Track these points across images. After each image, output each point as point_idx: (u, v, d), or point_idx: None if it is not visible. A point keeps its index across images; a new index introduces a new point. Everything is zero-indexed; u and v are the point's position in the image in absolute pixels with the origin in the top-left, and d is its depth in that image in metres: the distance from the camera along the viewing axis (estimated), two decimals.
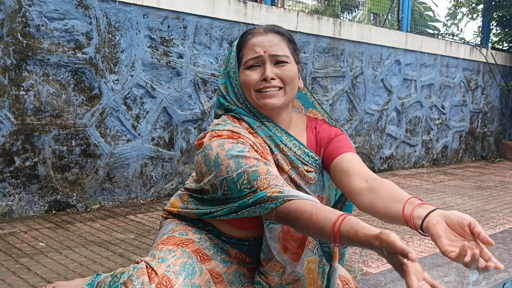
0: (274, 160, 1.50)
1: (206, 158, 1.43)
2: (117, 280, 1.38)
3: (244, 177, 1.34)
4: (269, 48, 1.47)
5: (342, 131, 1.62)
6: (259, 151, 1.44)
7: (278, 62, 1.48)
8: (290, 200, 1.27)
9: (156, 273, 1.34)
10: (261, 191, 1.30)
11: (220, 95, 1.59)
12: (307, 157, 1.54)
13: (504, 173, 6.20)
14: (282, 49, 1.49)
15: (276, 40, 1.49)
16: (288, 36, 1.54)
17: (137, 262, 1.41)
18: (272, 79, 1.45)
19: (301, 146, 1.55)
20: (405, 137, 6.19)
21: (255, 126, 1.51)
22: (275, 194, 1.28)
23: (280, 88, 1.48)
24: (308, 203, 1.26)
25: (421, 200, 1.26)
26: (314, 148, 1.60)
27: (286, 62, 1.49)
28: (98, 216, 3.34)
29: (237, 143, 1.39)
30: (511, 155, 7.79)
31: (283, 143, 1.53)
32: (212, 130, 1.48)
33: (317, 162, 1.56)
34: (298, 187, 1.53)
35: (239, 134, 1.44)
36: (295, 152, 1.53)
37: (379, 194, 1.33)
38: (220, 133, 1.44)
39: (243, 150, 1.37)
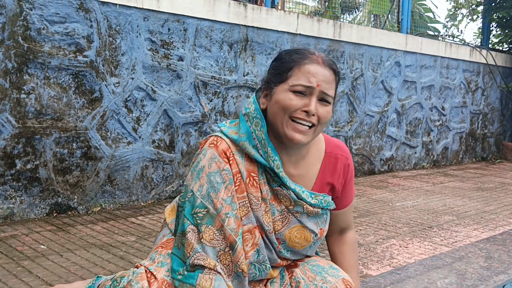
0: (274, 193, 1.49)
1: (198, 162, 1.46)
2: (117, 284, 1.39)
3: (203, 211, 1.39)
4: (322, 83, 1.41)
5: (352, 163, 1.62)
6: (237, 183, 1.43)
7: (322, 99, 1.43)
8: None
9: (155, 278, 1.36)
10: (201, 240, 1.37)
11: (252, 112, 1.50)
12: (314, 199, 1.53)
13: (505, 175, 6.20)
14: (331, 89, 1.44)
15: (331, 78, 1.44)
16: (339, 77, 1.50)
17: (137, 267, 1.43)
18: (313, 114, 1.40)
19: (310, 194, 1.52)
20: (405, 138, 6.20)
21: (267, 162, 1.47)
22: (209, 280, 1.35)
23: (313, 126, 1.42)
24: None
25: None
26: (327, 183, 1.57)
27: (329, 103, 1.44)
28: (99, 218, 3.35)
29: (222, 171, 1.41)
30: (511, 156, 7.79)
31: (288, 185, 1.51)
32: (215, 136, 1.48)
33: (323, 200, 1.53)
34: (295, 218, 1.52)
35: (231, 156, 1.44)
36: (299, 195, 1.50)
37: (335, 250, 1.68)
38: (218, 143, 1.45)
39: (221, 184, 1.40)
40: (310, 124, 1.41)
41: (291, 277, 1.53)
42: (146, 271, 1.39)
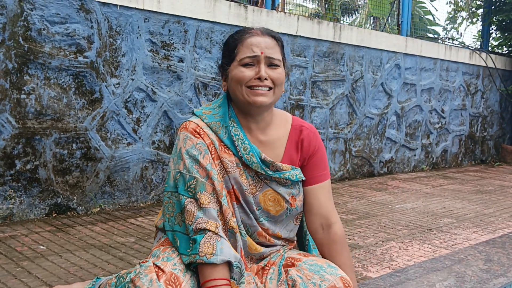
0: (244, 159, 1.58)
1: (175, 147, 1.59)
2: (123, 280, 1.42)
3: (193, 182, 1.50)
4: (265, 50, 1.55)
5: (321, 141, 1.71)
6: (212, 152, 1.55)
7: (271, 64, 1.56)
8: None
9: (163, 271, 1.40)
10: (201, 206, 1.48)
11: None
12: (279, 168, 1.61)
13: (504, 177, 6.21)
14: (276, 53, 1.58)
15: (272, 43, 1.58)
16: (281, 42, 1.64)
17: (143, 262, 1.45)
18: (265, 79, 1.54)
19: (274, 163, 1.60)
20: (405, 141, 6.20)
21: (233, 135, 1.59)
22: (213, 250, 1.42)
23: (270, 88, 1.56)
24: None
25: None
26: (295, 152, 1.66)
27: (278, 66, 1.58)
28: (99, 219, 3.35)
29: (196, 144, 1.54)
30: (511, 159, 7.80)
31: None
32: (184, 121, 1.61)
33: (290, 174, 1.61)
34: (266, 184, 1.61)
35: (201, 131, 1.56)
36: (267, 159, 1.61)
37: (324, 250, 1.66)
38: (187, 125, 1.58)
39: (198, 155, 1.53)
40: (267, 88, 1.55)
41: (287, 276, 1.54)
42: (153, 265, 1.42)
